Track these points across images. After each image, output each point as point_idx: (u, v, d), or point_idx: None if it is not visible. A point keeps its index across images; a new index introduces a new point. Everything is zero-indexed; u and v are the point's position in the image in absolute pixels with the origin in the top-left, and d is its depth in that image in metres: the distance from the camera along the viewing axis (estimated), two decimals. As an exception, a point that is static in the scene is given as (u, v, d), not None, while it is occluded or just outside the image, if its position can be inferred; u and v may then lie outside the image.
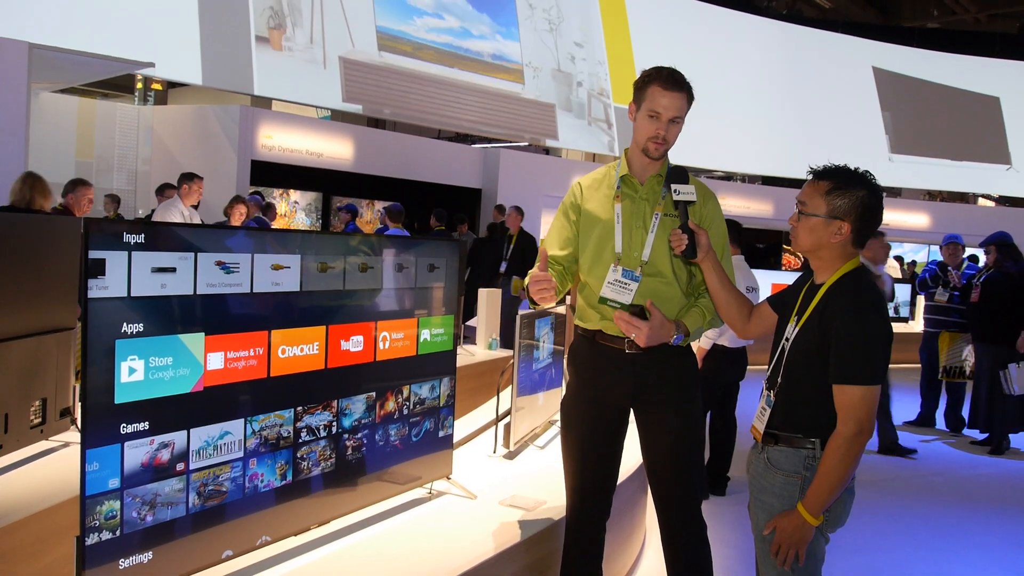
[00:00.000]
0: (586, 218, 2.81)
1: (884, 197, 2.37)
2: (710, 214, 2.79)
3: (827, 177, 2.34)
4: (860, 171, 2.35)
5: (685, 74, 2.72)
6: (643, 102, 2.69)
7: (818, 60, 19.22)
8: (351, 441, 2.77)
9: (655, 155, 2.71)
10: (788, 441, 2.35)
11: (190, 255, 2.17)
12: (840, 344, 2.23)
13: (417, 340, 3.06)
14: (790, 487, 2.33)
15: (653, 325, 2.63)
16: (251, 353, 2.37)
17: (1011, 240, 7.38)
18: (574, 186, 2.90)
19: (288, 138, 12.67)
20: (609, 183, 2.81)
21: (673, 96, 2.65)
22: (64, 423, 3.21)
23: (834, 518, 2.34)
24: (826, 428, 2.28)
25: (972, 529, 5.17)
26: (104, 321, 1.98)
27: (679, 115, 2.68)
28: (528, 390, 3.99)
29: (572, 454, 2.86)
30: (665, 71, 2.68)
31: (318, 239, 2.68)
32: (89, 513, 1.98)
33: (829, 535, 2.38)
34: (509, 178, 15.37)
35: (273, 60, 12.04)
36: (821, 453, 2.28)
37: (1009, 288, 7.11)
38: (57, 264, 3.12)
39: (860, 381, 2.21)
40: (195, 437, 2.22)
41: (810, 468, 2.30)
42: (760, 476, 2.42)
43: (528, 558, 2.95)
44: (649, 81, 2.68)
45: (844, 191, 2.30)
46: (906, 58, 20.19)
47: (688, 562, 2.80)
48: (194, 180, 7.46)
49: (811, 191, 2.35)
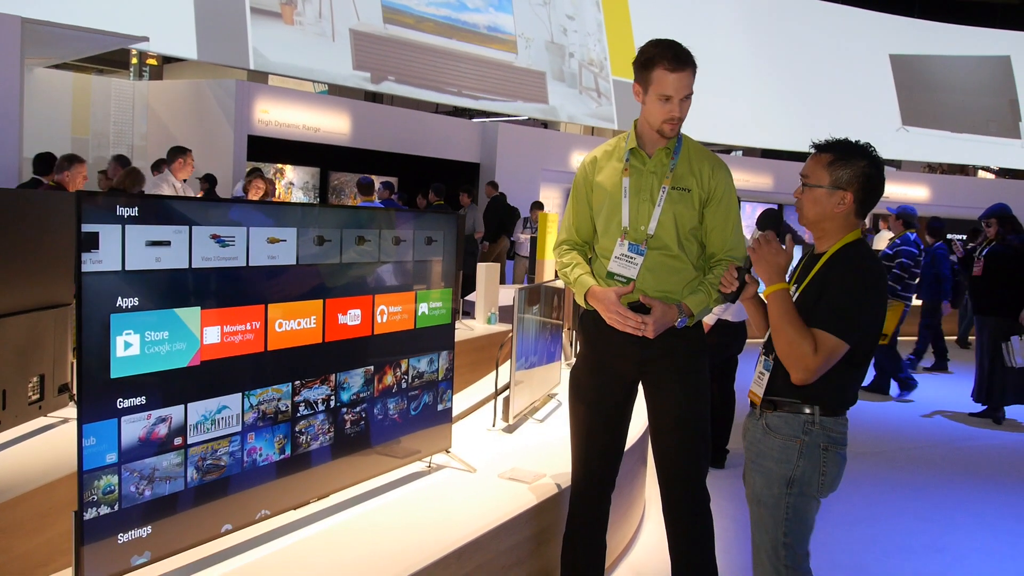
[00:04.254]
0: (597, 191, 2.82)
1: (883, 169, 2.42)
2: (720, 185, 2.77)
3: (829, 150, 2.40)
4: (861, 143, 2.41)
5: (682, 43, 2.69)
6: (650, 85, 2.66)
7: (819, 31, 19.07)
8: (349, 415, 2.77)
9: (671, 135, 2.72)
10: (787, 407, 2.40)
11: (185, 228, 2.15)
12: (830, 294, 2.31)
13: (415, 314, 3.05)
14: (788, 451, 2.38)
15: (655, 316, 2.65)
16: (248, 327, 2.36)
17: (1010, 212, 7.36)
18: (584, 163, 2.90)
19: (285, 113, 12.60)
20: (619, 155, 2.81)
21: (681, 76, 2.63)
22: (62, 399, 3.20)
23: (828, 482, 2.39)
24: (824, 393, 2.35)
25: (971, 499, 5.19)
26: (99, 296, 1.97)
27: (689, 92, 2.67)
28: (527, 364, 3.99)
29: (580, 422, 2.87)
30: (669, 50, 2.64)
31: (314, 212, 2.66)
32: (87, 488, 1.98)
33: (820, 500, 2.43)
34: (507, 152, 15.31)
35: (283, 34, 12.07)
36: (820, 419, 2.36)
37: (1012, 260, 7.09)
38: (53, 240, 3.10)
39: (832, 330, 2.27)
40: (192, 411, 2.21)
41: (808, 432, 2.37)
42: (758, 441, 2.46)
43: (527, 530, 2.96)
44: (653, 62, 2.64)
45: (846, 162, 2.36)
46: (910, 30, 20.00)
47: (689, 532, 2.82)
48: (186, 154, 7.44)
49: (814, 164, 2.41)
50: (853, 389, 2.43)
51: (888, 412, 7.49)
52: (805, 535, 2.42)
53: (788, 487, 2.38)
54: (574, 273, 2.85)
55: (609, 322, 2.71)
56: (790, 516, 2.38)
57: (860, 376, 2.43)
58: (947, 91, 20.07)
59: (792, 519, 2.38)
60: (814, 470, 2.37)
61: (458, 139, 15.13)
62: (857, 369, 2.40)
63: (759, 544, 2.46)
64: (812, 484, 2.38)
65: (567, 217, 2.95)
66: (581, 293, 2.81)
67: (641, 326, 2.64)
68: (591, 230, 2.89)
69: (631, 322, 2.65)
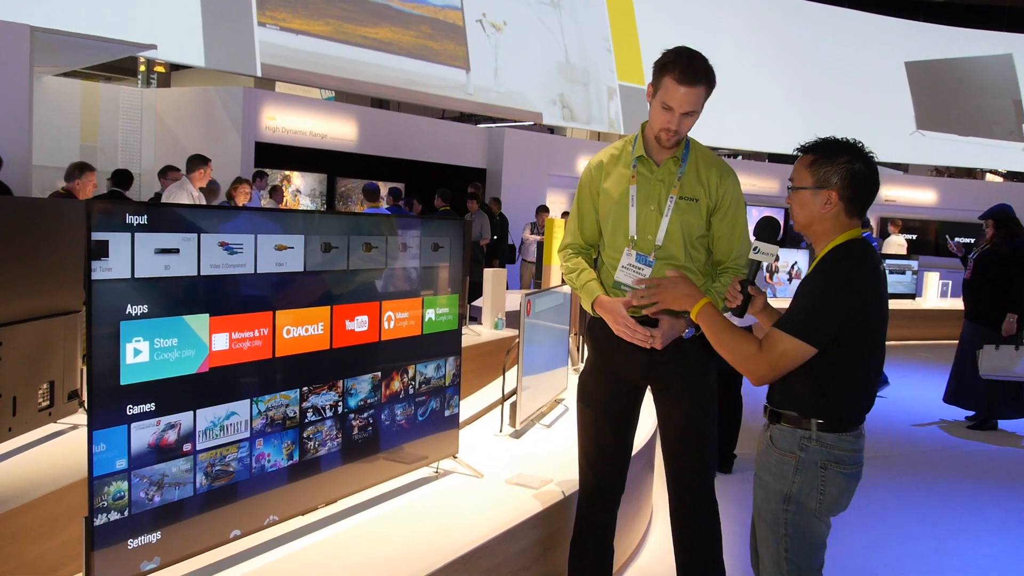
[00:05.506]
0: (604, 197, 2.81)
1: (887, 173, 2.36)
2: (728, 194, 2.75)
3: (811, 151, 2.33)
4: (847, 140, 2.32)
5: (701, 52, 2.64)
6: (659, 90, 2.63)
7: (824, 35, 19.06)
8: (357, 421, 2.78)
9: (666, 145, 2.69)
10: (787, 420, 2.32)
11: (193, 236, 2.17)
12: (796, 294, 2.29)
13: (422, 320, 3.06)
14: (784, 466, 2.30)
15: (663, 329, 2.66)
16: (256, 334, 2.37)
17: (1012, 213, 6.93)
18: (590, 167, 2.87)
19: (292, 119, 12.64)
20: (625, 161, 2.79)
21: (688, 91, 2.57)
22: (72, 406, 3.22)
23: (828, 502, 2.28)
24: (822, 405, 2.26)
25: (979, 503, 5.17)
26: (108, 303, 1.98)
27: (693, 109, 2.61)
28: (534, 369, 4.00)
29: (588, 427, 2.87)
30: (684, 60, 2.58)
31: (321, 219, 2.67)
32: (97, 494, 1.99)
33: (830, 519, 2.34)
34: (514, 157, 15.33)
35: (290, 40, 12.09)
36: (819, 435, 2.26)
37: (999, 266, 6.74)
38: (64, 247, 3.12)
39: (786, 329, 2.22)
40: (201, 418, 2.23)
41: (805, 449, 2.27)
42: (762, 453, 2.40)
43: (534, 536, 2.96)
44: (666, 69, 2.59)
45: (828, 160, 2.28)
46: (916, 33, 19.98)
47: (695, 538, 2.81)
48: (207, 164, 7.44)
49: (798, 166, 2.35)
50: (857, 402, 2.31)
51: (892, 416, 7.46)
52: (810, 552, 2.31)
53: (785, 503, 2.29)
54: (581, 279, 2.84)
55: (617, 333, 2.71)
56: (790, 532, 2.28)
57: (861, 387, 2.30)
58: (962, 95, 20.01)
59: (792, 536, 2.28)
60: (811, 488, 2.26)
61: (464, 144, 15.15)
62: (854, 379, 2.27)
63: (763, 556, 2.38)
64: (810, 502, 2.27)
65: (572, 220, 2.94)
66: (588, 301, 2.81)
67: (649, 340, 2.65)
68: (596, 234, 2.88)
69: (639, 335, 2.65)
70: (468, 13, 14.58)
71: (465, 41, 14.51)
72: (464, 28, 14.52)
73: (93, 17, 9.82)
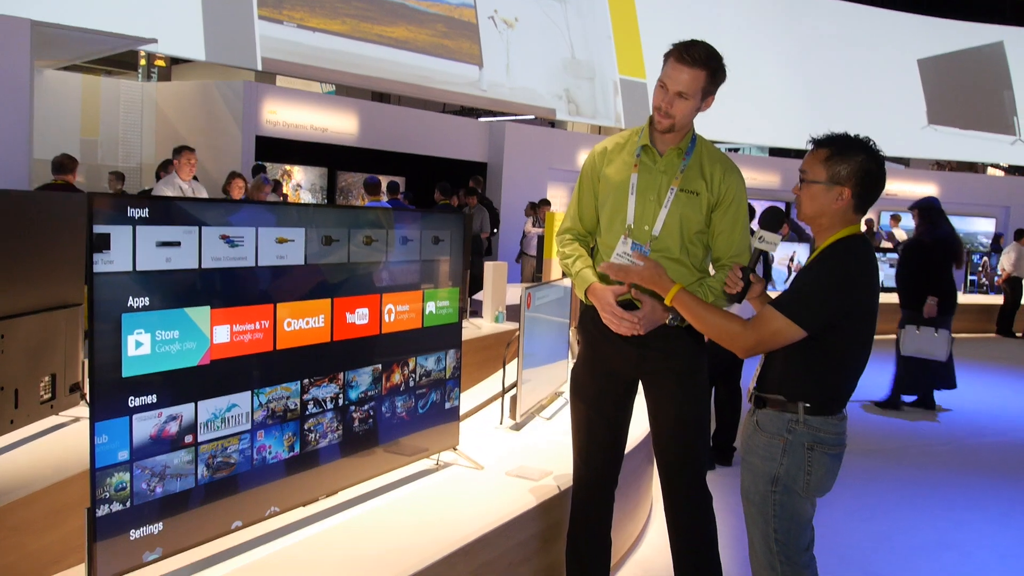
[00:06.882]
0: (604, 183, 2.81)
1: (889, 167, 2.40)
2: (730, 190, 2.74)
3: (826, 145, 2.38)
4: (860, 137, 2.38)
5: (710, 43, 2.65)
6: (661, 71, 2.67)
7: (830, 30, 19.01)
8: (358, 413, 2.79)
9: (659, 128, 2.69)
10: (774, 404, 2.40)
11: (194, 229, 2.18)
12: (795, 280, 2.35)
13: (423, 313, 3.06)
14: (772, 448, 2.38)
15: (644, 312, 2.66)
16: (257, 326, 2.38)
17: (937, 204, 7.35)
18: (594, 152, 2.87)
19: (293, 113, 12.64)
20: (630, 149, 2.79)
21: (681, 70, 2.59)
22: (74, 398, 3.23)
23: (814, 482, 2.38)
24: (811, 391, 2.35)
25: (980, 496, 5.18)
26: (110, 296, 1.99)
27: (686, 91, 2.60)
28: (534, 362, 4.01)
29: (581, 420, 2.88)
30: (685, 43, 2.62)
31: (322, 212, 2.68)
32: (99, 485, 2.00)
33: (816, 500, 2.43)
34: (514, 151, 15.32)
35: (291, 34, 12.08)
36: (806, 418, 2.35)
37: (919, 253, 7.18)
38: (65, 240, 3.13)
39: (781, 310, 2.30)
40: (203, 410, 2.24)
41: (792, 431, 2.36)
42: (748, 438, 2.49)
43: (535, 527, 2.97)
44: (669, 52, 2.64)
45: (843, 157, 2.33)
46: (926, 29, 19.92)
47: (689, 531, 2.82)
48: (182, 153, 7.34)
49: (812, 159, 2.39)
50: (844, 388, 2.41)
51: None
52: (797, 532, 2.40)
53: (773, 485, 2.38)
54: (576, 266, 2.84)
55: (604, 321, 2.71)
56: (778, 513, 2.38)
57: (849, 375, 2.41)
58: (971, 89, 19.97)
59: (780, 516, 2.38)
60: (798, 469, 2.36)
61: (465, 138, 15.14)
62: (844, 367, 2.38)
63: (753, 539, 2.47)
64: (797, 483, 2.36)
65: (572, 206, 2.93)
66: (582, 288, 2.81)
67: (633, 327, 2.65)
68: (595, 220, 2.87)
69: (625, 323, 2.65)
70: (481, 10, 14.56)
71: (478, 38, 14.48)
72: (477, 25, 14.51)
73: (93, 11, 9.82)
